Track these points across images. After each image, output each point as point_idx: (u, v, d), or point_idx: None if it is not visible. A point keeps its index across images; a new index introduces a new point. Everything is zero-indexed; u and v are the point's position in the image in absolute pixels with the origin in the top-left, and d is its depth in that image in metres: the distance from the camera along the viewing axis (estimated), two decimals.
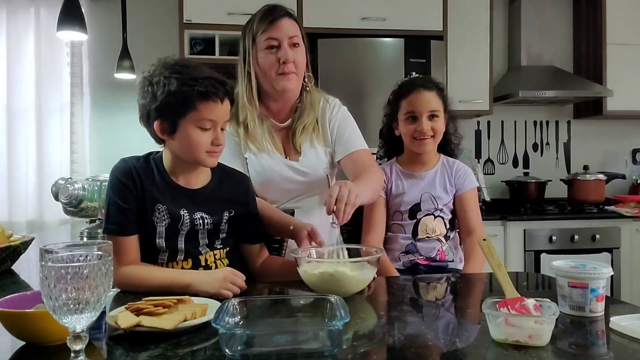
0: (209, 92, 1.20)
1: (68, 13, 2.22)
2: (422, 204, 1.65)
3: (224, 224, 1.34)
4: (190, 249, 1.29)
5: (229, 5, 2.91)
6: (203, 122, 1.22)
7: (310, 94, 1.64)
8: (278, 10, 1.55)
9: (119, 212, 1.24)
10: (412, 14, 3.06)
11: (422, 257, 1.61)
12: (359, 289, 1.18)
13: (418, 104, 1.63)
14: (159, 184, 1.28)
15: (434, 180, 1.68)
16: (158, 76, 1.22)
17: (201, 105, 1.21)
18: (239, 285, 1.18)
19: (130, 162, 1.29)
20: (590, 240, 3.09)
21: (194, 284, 1.17)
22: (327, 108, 1.66)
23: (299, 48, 1.56)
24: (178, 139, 1.24)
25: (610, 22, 3.40)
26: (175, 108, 1.21)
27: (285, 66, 1.52)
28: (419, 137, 1.63)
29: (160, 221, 1.26)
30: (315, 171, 1.60)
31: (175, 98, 1.20)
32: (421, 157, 1.69)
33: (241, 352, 0.81)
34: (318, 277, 1.16)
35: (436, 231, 1.63)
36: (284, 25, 1.53)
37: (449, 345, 0.88)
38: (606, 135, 3.76)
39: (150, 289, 1.17)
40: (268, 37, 1.52)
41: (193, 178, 1.32)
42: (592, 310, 0.99)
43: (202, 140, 1.23)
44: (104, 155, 3.30)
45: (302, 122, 1.61)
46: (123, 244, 1.24)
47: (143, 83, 1.24)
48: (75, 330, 0.74)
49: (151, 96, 1.22)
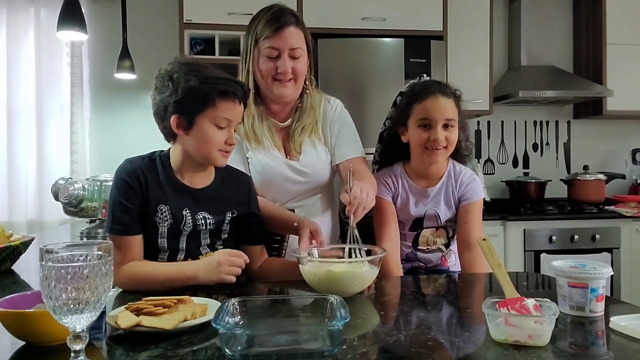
0: (229, 91, 1.23)
1: (68, 13, 2.22)
2: (425, 221, 1.58)
3: (226, 224, 1.34)
4: (191, 249, 1.30)
5: (229, 5, 2.91)
6: (220, 120, 1.24)
7: (310, 96, 1.64)
8: (284, 18, 1.52)
9: (123, 212, 1.24)
10: (412, 14, 3.06)
11: (423, 264, 1.61)
12: (361, 289, 1.18)
13: (434, 111, 1.48)
14: (163, 184, 1.28)
15: (439, 195, 1.57)
16: (179, 72, 1.23)
17: (220, 103, 1.23)
18: (238, 264, 1.20)
19: (135, 162, 1.29)
20: (590, 240, 3.09)
21: (196, 276, 1.19)
22: (330, 109, 1.66)
23: (300, 58, 1.55)
24: (193, 135, 1.25)
25: (610, 22, 3.40)
26: (195, 104, 1.22)
27: (282, 75, 1.53)
28: (432, 147, 1.49)
29: (163, 222, 1.27)
30: (315, 171, 1.60)
31: (196, 94, 1.21)
32: (430, 167, 1.55)
33: (241, 352, 0.81)
34: (320, 276, 1.16)
35: (437, 243, 1.61)
36: (287, 35, 1.52)
37: (449, 345, 0.88)
38: (606, 135, 3.76)
39: (154, 286, 1.18)
40: (270, 45, 1.52)
41: (198, 177, 1.32)
42: (592, 310, 0.99)
43: (217, 138, 1.24)
44: (104, 155, 3.30)
45: (301, 124, 1.61)
46: (127, 243, 1.24)
47: (163, 78, 1.25)
48: (75, 330, 0.74)
49: (171, 90, 1.23)
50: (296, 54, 1.54)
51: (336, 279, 1.14)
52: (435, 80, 1.66)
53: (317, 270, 1.17)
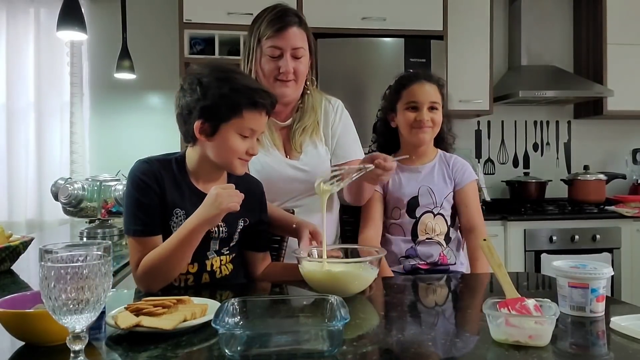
0: (257, 103, 1.20)
1: (68, 13, 2.22)
2: (420, 198, 1.64)
3: (238, 233, 1.33)
4: (198, 253, 1.25)
5: (229, 5, 2.91)
6: (245, 130, 1.21)
7: (311, 96, 1.65)
8: (288, 18, 1.53)
9: (144, 212, 1.20)
10: (412, 14, 3.06)
11: (423, 262, 1.61)
12: (361, 289, 1.18)
13: (420, 95, 1.64)
14: (180, 187, 1.26)
15: (431, 173, 1.68)
16: (209, 77, 1.20)
17: (247, 114, 1.20)
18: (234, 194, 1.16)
19: (151, 162, 1.25)
20: (590, 241, 3.09)
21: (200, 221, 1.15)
22: (331, 110, 1.67)
23: (302, 58, 1.56)
24: (216, 142, 1.22)
25: (610, 22, 3.40)
26: (222, 112, 1.19)
27: (284, 75, 1.54)
28: (419, 126, 1.64)
29: (177, 225, 1.22)
30: (315, 170, 1.60)
31: (225, 102, 1.18)
32: (418, 150, 1.69)
33: (241, 352, 0.81)
34: (320, 276, 1.16)
35: (436, 230, 1.62)
36: (290, 35, 1.52)
37: (449, 345, 0.88)
38: (606, 135, 3.76)
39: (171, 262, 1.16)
40: (272, 44, 1.53)
41: (213, 183, 1.28)
42: (592, 310, 0.99)
43: (240, 147, 1.22)
44: (103, 155, 3.30)
45: (302, 124, 1.62)
46: (149, 245, 1.20)
47: (192, 80, 1.21)
48: (75, 331, 0.74)
49: (200, 95, 1.19)
50: (298, 54, 1.54)
51: (336, 279, 1.14)
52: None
53: (317, 271, 1.17)
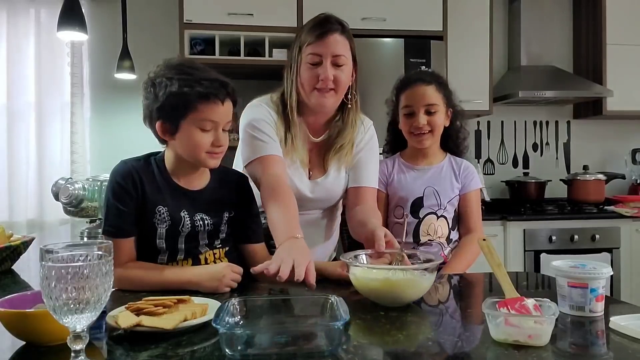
0: (209, 94, 1.21)
1: (68, 13, 2.22)
2: (425, 199, 1.63)
3: (224, 225, 1.34)
4: (190, 249, 1.30)
5: (229, 5, 2.91)
6: (204, 123, 1.22)
7: (352, 110, 1.56)
8: (329, 24, 1.46)
9: (116, 215, 1.25)
10: (412, 14, 3.06)
11: None
12: (417, 297, 1.12)
13: (414, 98, 1.61)
14: (159, 185, 1.28)
15: (438, 175, 1.66)
16: (161, 77, 1.22)
17: (202, 106, 1.21)
18: (238, 279, 1.21)
19: (130, 164, 1.28)
20: (590, 240, 3.09)
21: (198, 282, 1.18)
22: (362, 131, 1.60)
23: (343, 67, 1.47)
24: (179, 139, 1.24)
25: (610, 22, 3.40)
26: (176, 109, 1.21)
27: (323, 83, 1.45)
28: (416, 132, 1.61)
29: (161, 223, 1.26)
30: (328, 193, 1.57)
31: (176, 99, 1.20)
32: (423, 151, 1.67)
33: (241, 352, 0.81)
34: (378, 283, 1.09)
35: (438, 232, 1.62)
36: (330, 42, 1.44)
37: (449, 345, 0.88)
38: (606, 135, 3.76)
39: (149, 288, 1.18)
40: (312, 51, 1.45)
41: (194, 179, 1.32)
42: (592, 310, 0.99)
43: (203, 141, 1.23)
44: (104, 155, 3.30)
45: (340, 141, 1.55)
46: (118, 245, 1.22)
47: (147, 84, 1.25)
48: (75, 330, 0.74)
49: (153, 97, 1.23)
50: (339, 62, 1.45)
51: (395, 286, 1.07)
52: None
53: (373, 277, 1.10)
